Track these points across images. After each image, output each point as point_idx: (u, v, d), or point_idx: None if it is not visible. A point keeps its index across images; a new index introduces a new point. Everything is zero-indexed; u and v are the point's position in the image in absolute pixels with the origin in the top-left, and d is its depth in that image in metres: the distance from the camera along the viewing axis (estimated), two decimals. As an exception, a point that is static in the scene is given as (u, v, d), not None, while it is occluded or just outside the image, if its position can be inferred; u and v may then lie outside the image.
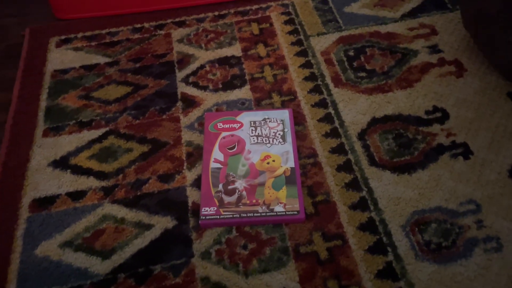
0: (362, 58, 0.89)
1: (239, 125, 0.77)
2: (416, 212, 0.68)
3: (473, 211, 0.67)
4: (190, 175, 0.74)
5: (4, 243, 0.67)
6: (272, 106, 0.82)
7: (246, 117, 0.78)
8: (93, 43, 0.96)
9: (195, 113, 0.82)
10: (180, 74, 0.89)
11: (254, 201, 0.68)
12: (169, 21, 0.99)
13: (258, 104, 0.83)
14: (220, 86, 0.86)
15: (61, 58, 0.93)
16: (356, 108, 0.81)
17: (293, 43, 0.93)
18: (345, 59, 0.89)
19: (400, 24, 0.95)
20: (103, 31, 0.98)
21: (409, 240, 0.65)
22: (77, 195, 0.72)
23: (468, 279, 0.61)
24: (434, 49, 0.90)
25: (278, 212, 0.67)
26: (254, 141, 0.75)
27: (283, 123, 0.77)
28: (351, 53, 0.90)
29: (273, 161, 0.73)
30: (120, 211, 0.70)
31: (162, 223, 0.68)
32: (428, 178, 0.71)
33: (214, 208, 0.67)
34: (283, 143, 0.75)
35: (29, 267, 0.65)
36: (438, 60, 0.88)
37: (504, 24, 0.76)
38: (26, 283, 0.63)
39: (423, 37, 0.92)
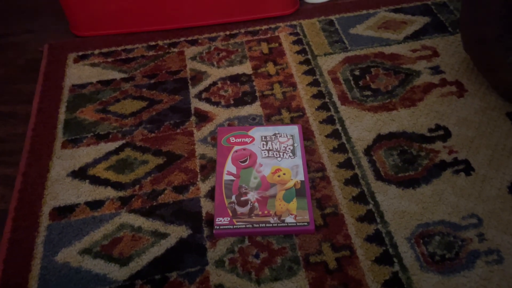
0: (367, 78, 0.93)
1: (250, 139, 0.81)
2: (420, 225, 0.71)
3: (474, 225, 0.70)
4: (203, 187, 0.77)
5: (25, 250, 0.70)
6: (281, 122, 0.86)
7: (257, 132, 0.82)
8: (109, 59, 1.00)
9: (208, 128, 0.86)
10: (193, 90, 0.93)
11: (266, 212, 0.71)
12: (182, 39, 1.04)
13: (268, 120, 0.87)
14: (232, 102, 0.90)
15: (78, 73, 0.97)
16: (362, 125, 0.85)
17: (301, 62, 0.97)
18: (351, 78, 0.94)
19: (403, 46, 1.00)
20: (119, 48, 1.02)
21: (414, 252, 0.68)
22: (95, 205, 0.75)
23: (471, 290, 0.64)
24: (436, 70, 0.94)
25: (289, 223, 0.70)
26: (265, 155, 0.79)
27: (293, 138, 0.81)
28: (357, 72, 0.95)
29: (284, 174, 0.76)
30: (137, 220, 0.73)
31: (178, 232, 0.71)
32: (431, 193, 0.75)
33: (227, 219, 0.71)
34: (293, 157, 0.78)
35: (49, 273, 0.67)
36: (440, 81, 0.92)
37: (503, 47, 0.80)
38: (47, 288, 0.66)
39: (425, 59, 0.96)
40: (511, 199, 0.73)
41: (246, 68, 0.97)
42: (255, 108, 0.89)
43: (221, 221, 0.70)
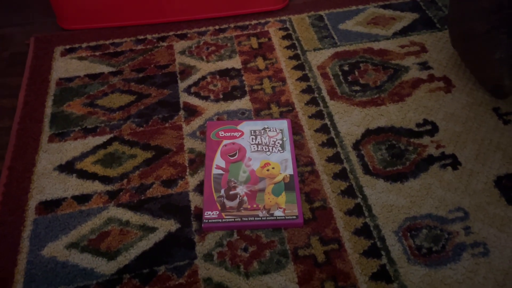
0: (356, 73, 0.94)
1: (240, 133, 0.81)
2: (408, 219, 0.71)
3: (461, 218, 0.71)
4: (192, 181, 0.76)
5: (11, 244, 0.69)
6: (271, 117, 0.86)
7: (246, 126, 0.82)
8: (97, 53, 0.99)
9: (197, 122, 0.85)
10: (182, 85, 0.92)
11: (254, 206, 0.71)
12: (171, 33, 1.03)
13: (258, 114, 0.87)
14: (221, 96, 0.90)
15: (65, 66, 0.96)
16: (351, 120, 0.85)
17: (290, 57, 0.97)
18: (340, 73, 0.94)
19: (392, 42, 1.00)
20: (107, 42, 1.01)
21: (402, 245, 0.68)
22: (82, 199, 0.74)
23: (457, 282, 0.65)
24: (424, 65, 0.95)
25: (278, 216, 0.70)
26: (254, 149, 0.79)
27: (282, 133, 0.81)
28: (346, 68, 0.95)
29: (273, 168, 0.76)
30: (125, 214, 0.72)
31: (166, 226, 0.71)
32: (419, 187, 0.75)
33: (216, 212, 0.70)
34: (282, 151, 0.78)
35: (35, 267, 0.66)
36: (428, 76, 0.93)
37: (490, 43, 0.81)
38: (33, 283, 0.65)
39: (413, 54, 0.97)
40: (497, 193, 0.74)
41: (235, 62, 0.97)
42: (244, 103, 0.89)
43: (209, 215, 0.70)
